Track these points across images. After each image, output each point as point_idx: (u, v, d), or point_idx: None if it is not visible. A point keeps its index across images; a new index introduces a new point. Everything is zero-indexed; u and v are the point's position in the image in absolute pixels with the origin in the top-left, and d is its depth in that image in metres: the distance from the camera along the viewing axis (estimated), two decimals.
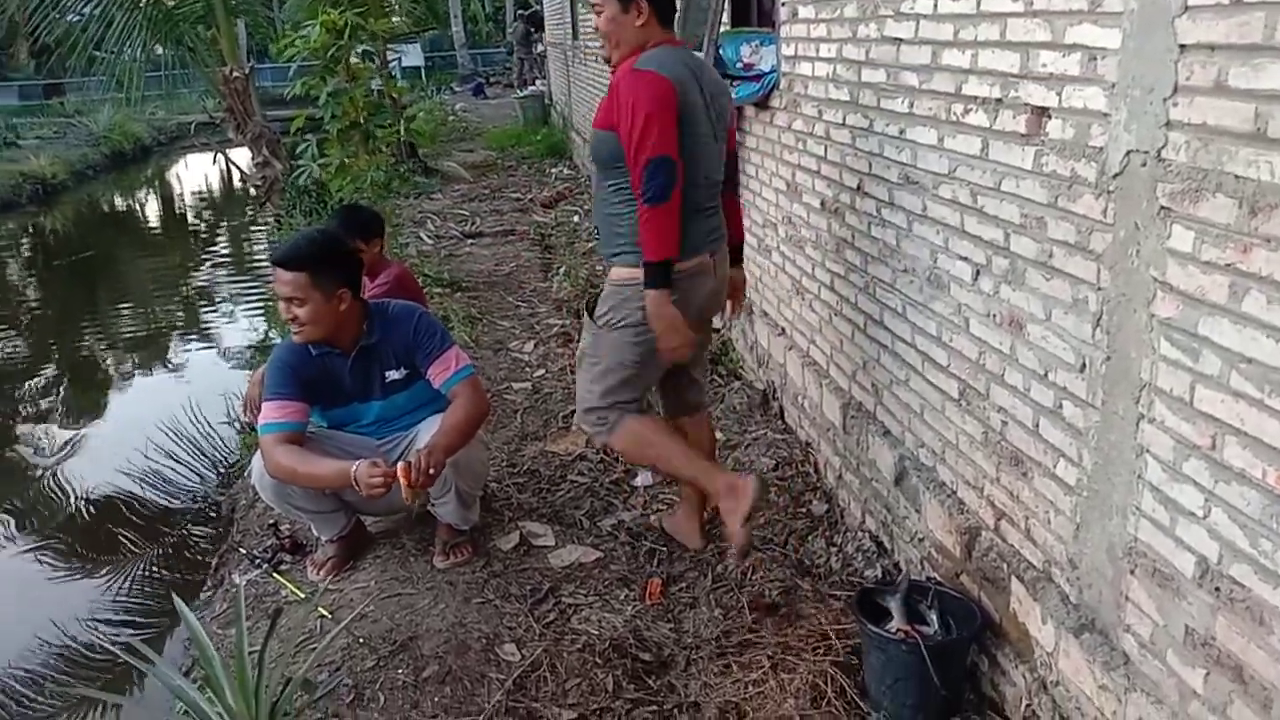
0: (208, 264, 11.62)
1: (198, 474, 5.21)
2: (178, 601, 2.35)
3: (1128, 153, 1.68)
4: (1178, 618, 1.65)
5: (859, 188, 2.92)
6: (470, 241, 7.84)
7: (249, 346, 7.49)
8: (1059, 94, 1.87)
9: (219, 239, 13.36)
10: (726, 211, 2.83)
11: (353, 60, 6.09)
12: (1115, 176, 1.72)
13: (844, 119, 2.99)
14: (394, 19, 8.43)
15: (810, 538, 3.11)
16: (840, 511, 3.24)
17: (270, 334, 7.21)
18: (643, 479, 3.58)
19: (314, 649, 2.66)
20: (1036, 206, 1.99)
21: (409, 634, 2.71)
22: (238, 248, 12.61)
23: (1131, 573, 1.79)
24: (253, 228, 13.06)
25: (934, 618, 2.37)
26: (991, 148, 2.14)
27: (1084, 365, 1.88)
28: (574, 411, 3.55)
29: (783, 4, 3.50)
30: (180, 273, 11.00)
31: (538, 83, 19.15)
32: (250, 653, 2.23)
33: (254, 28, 12.37)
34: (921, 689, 2.22)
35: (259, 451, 2.82)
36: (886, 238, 2.75)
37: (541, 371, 4.82)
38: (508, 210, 9.09)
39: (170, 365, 7.62)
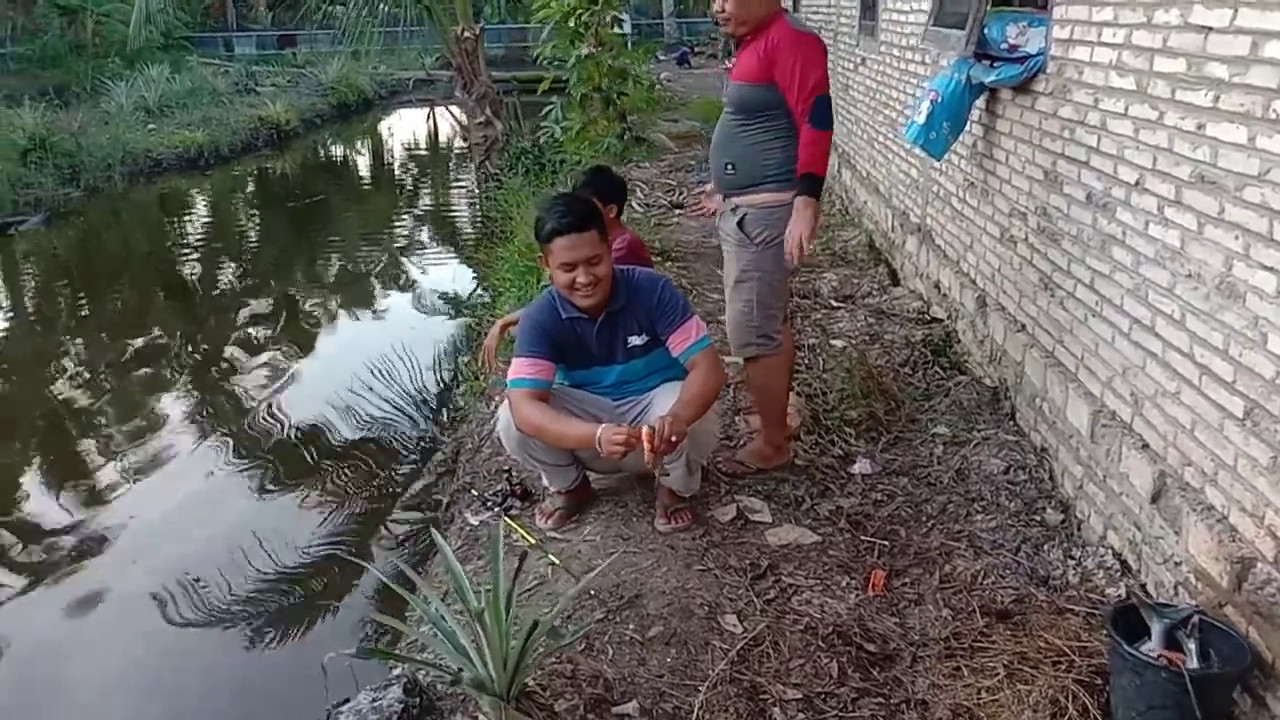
0: (418, 214, 12.25)
1: (410, 415, 5.53)
2: (437, 537, 2.49)
3: None
4: None
5: (1138, 183, 2.75)
6: (678, 212, 7.89)
7: (452, 298, 7.86)
8: None
9: (429, 191, 14.01)
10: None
11: (601, 28, 6.21)
12: None
13: (1126, 109, 2.81)
14: None
15: (1046, 547, 2.98)
16: (1078, 523, 3.09)
17: (480, 292, 7.53)
18: (860, 466, 3.52)
19: (548, 594, 2.79)
20: None
21: (634, 591, 2.78)
22: (446, 200, 13.22)
23: None
24: (455, 183, 13.69)
25: (1192, 647, 2.23)
26: None
27: None
28: None
29: None
30: (394, 221, 11.65)
31: None
32: (483, 590, 2.36)
33: None
34: None
35: (506, 403, 2.95)
36: (1168, 239, 2.58)
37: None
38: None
39: (383, 312, 8.08)
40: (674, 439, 2.62)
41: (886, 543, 3.06)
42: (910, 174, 5.55)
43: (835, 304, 5.29)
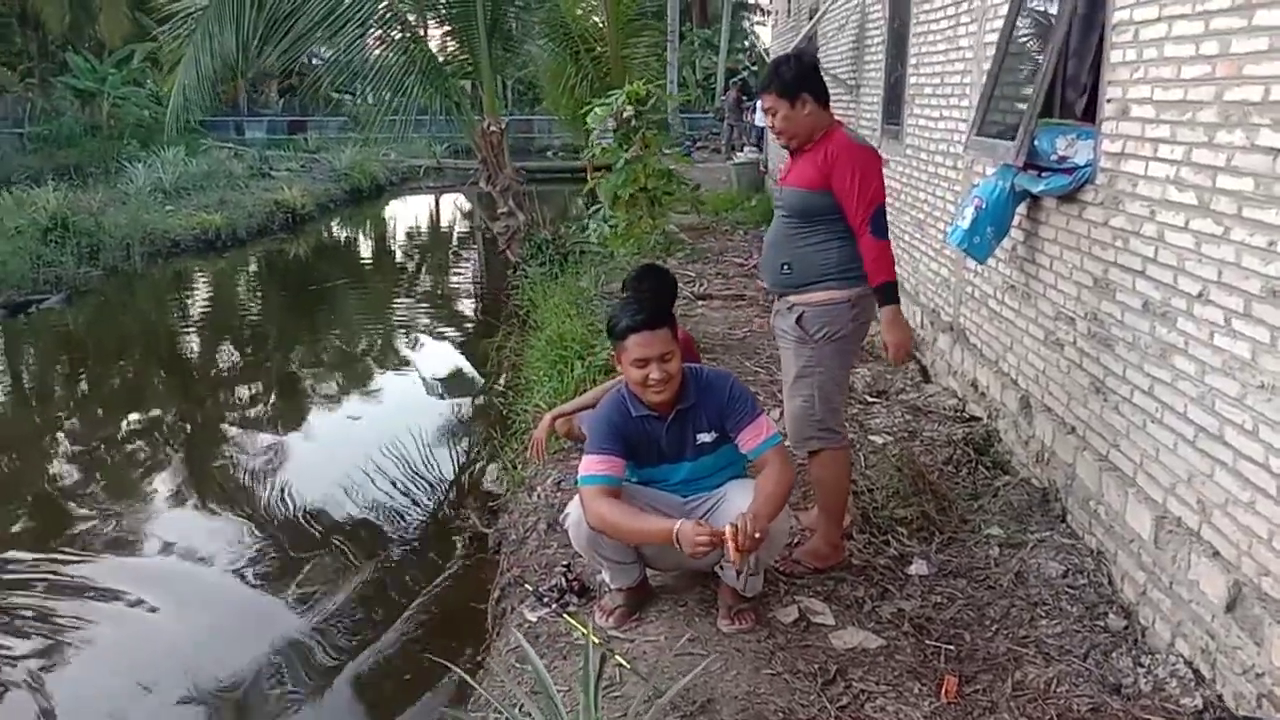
0: (433, 300, 12.38)
1: (446, 507, 5.51)
2: (520, 637, 2.47)
3: None
4: None
5: (1201, 294, 2.82)
6: (700, 303, 7.99)
7: (474, 385, 7.88)
8: None
9: (441, 277, 14.17)
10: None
11: (647, 132, 6.43)
12: None
13: (1187, 223, 2.90)
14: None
15: (1114, 654, 2.96)
16: (1141, 630, 3.08)
17: (485, 380, 7.53)
18: (917, 567, 3.52)
19: (616, 697, 2.76)
20: None
21: (706, 696, 2.75)
22: (458, 287, 13.36)
23: None
24: (464, 269, 13.84)
25: None
26: None
27: None
28: None
29: (1109, 100, 3.44)
30: (408, 305, 11.76)
31: (747, 149, 19.49)
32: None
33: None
34: None
35: (577, 499, 2.96)
36: (1237, 350, 2.63)
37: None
38: (733, 274, 9.22)
39: (404, 399, 8.07)
40: (757, 536, 2.63)
41: (952, 647, 3.04)
42: (940, 273, 5.65)
43: (870, 399, 5.33)
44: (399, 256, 16.47)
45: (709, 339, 6.83)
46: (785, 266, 3.39)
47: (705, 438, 3.01)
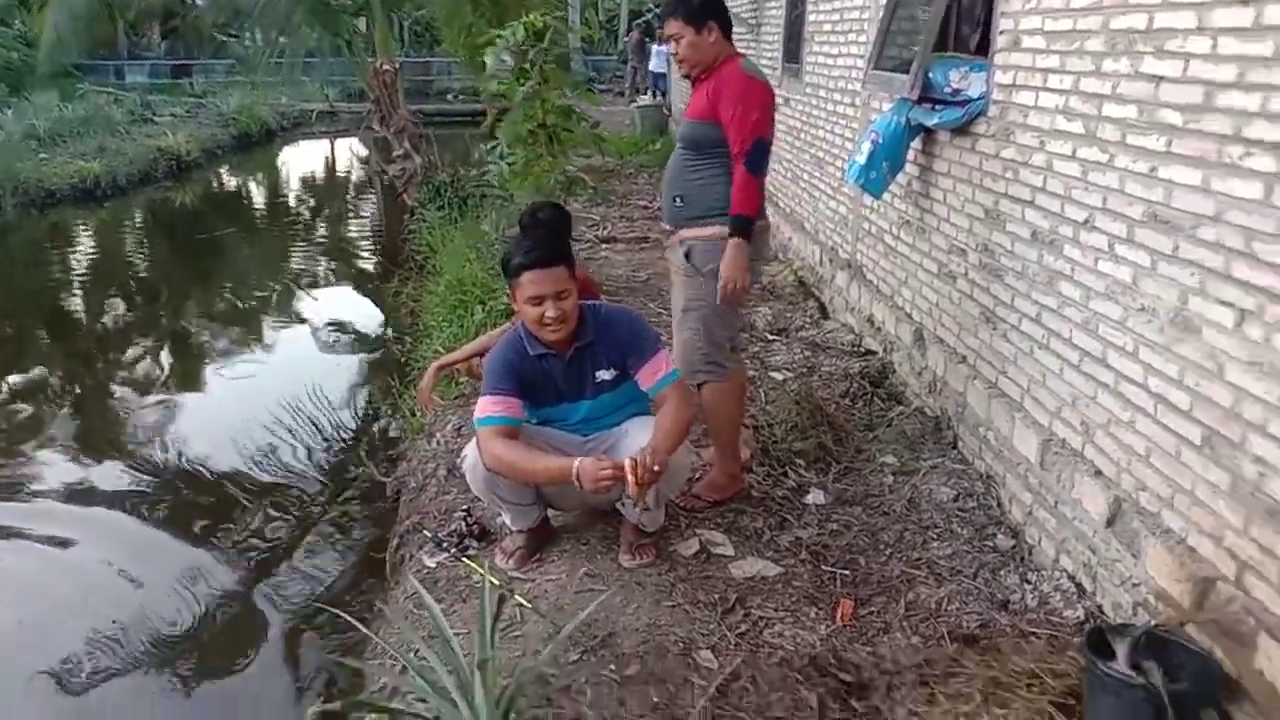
0: (327, 247, 12.00)
1: (344, 456, 5.38)
2: (418, 587, 2.42)
3: None
4: None
5: (1087, 221, 2.88)
6: (605, 246, 7.93)
7: (375, 334, 7.69)
8: None
9: (337, 224, 13.73)
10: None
11: (545, 65, 6.24)
12: None
13: (1074, 151, 2.94)
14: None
15: (1002, 572, 3.06)
16: (1028, 548, 3.19)
17: (386, 327, 7.36)
18: (814, 497, 3.57)
19: (517, 636, 2.73)
20: None
21: (607, 630, 2.75)
22: (355, 234, 12.96)
23: None
24: (362, 216, 13.44)
25: (1155, 666, 2.31)
26: (1277, 194, 2.09)
27: None
28: None
29: (1001, 32, 3.47)
30: (302, 254, 11.38)
31: (650, 93, 19.31)
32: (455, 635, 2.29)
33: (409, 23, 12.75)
34: None
35: (474, 441, 2.90)
36: (1120, 275, 2.70)
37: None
38: (637, 217, 9.16)
39: (300, 350, 7.81)
40: (657, 469, 2.62)
41: (848, 572, 3.10)
42: (839, 211, 5.70)
43: (770, 336, 5.37)
44: (294, 204, 15.87)
45: (613, 282, 6.78)
46: (678, 199, 3.36)
47: (604, 375, 2.97)
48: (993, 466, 3.51)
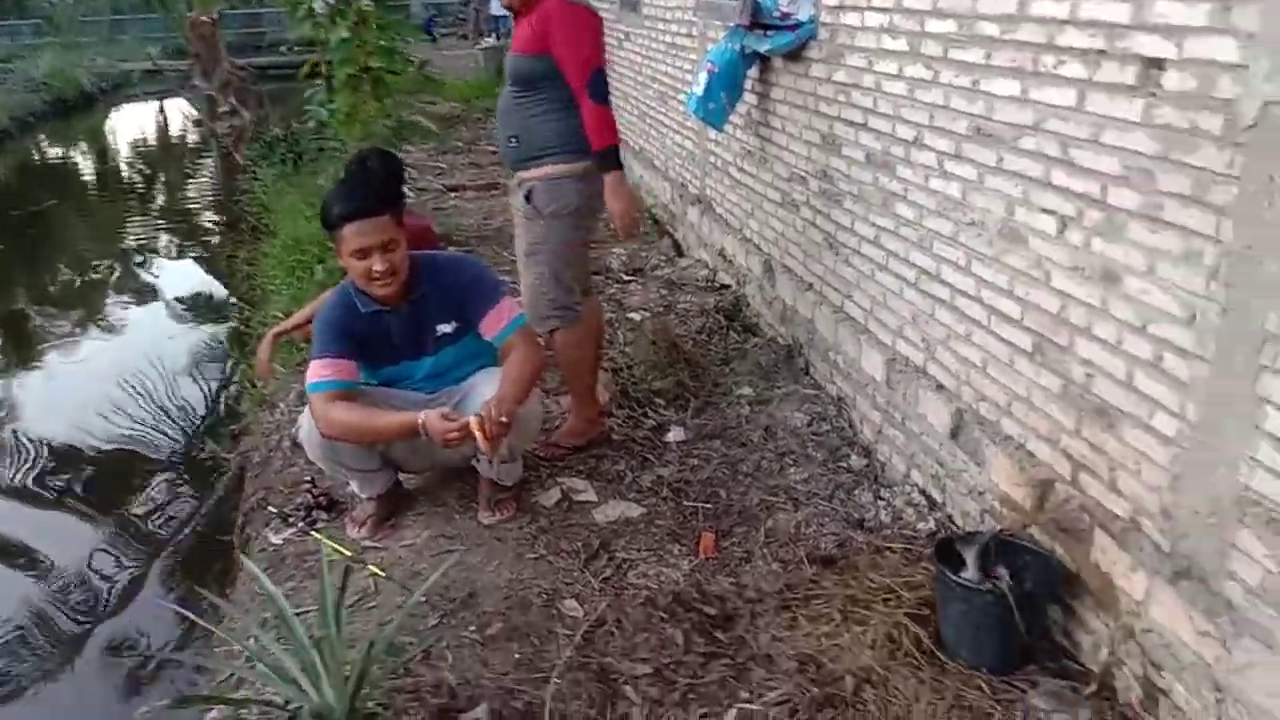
0: (158, 216, 11.27)
1: (187, 432, 5.09)
2: (247, 562, 2.28)
3: (1265, 104, 1.67)
4: None
5: (916, 140, 2.89)
6: (453, 195, 7.69)
7: (213, 302, 7.29)
8: (1178, 45, 1.86)
9: (167, 190, 12.91)
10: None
11: (363, 4, 5.88)
12: (1248, 129, 1.71)
13: (900, 70, 2.95)
14: None
15: (856, 491, 3.12)
16: (881, 466, 3.25)
17: (244, 293, 7.00)
18: (674, 435, 3.55)
19: (372, 608, 2.62)
20: (1143, 159, 1.98)
21: (467, 591, 2.67)
22: (187, 199, 12.22)
23: (1241, 521, 1.81)
24: (196, 179, 12.69)
25: (1003, 569, 2.39)
26: (1089, 100, 2.12)
27: (1193, 317, 1.88)
28: None
29: None
30: (132, 225, 10.65)
31: (494, 35, 18.79)
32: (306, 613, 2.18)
33: None
34: (1004, 638, 2.25)
35: (307, 409, 2.74)
36: (949, 191, 2.73)
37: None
38: (486, 164, 8.92)
39: (132, 324, 7.35)
40: (505, 420, 2.52)
41: (710, 505, 3.10)
42: (686, 146, 5.65)
43: (626, 277, 5.32)
44: (125, 171, 14.79)
45: (463, 231, 6.59)
46: (513, 139, 3.23)
47: (445, 328, 2.84)
48: (843, 389, 3.56)
